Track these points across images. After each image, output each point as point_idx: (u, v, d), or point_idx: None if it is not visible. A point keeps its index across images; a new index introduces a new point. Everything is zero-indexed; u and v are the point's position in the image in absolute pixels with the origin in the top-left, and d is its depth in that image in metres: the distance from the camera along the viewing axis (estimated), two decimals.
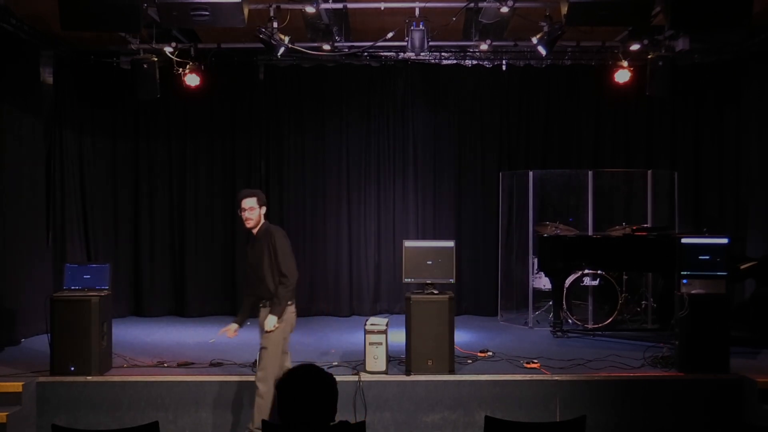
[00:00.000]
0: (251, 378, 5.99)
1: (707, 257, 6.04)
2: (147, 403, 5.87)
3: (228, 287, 9.41)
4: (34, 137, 7.96)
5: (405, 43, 6.99)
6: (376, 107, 9.54)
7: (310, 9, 6.62)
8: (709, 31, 7.89)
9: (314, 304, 9.39)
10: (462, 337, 7.45)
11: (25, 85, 7.82)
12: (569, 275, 8.11)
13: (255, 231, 5.34)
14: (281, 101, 9.49)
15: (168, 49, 7.92)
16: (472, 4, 6.78)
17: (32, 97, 7.93)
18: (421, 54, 7.81)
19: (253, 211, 5.28)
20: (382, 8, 6.87)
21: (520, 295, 8.91)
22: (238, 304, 9.18)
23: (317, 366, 2.69)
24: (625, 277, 8.37)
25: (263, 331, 5.27)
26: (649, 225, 8.31)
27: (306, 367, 2.68)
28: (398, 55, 8.94)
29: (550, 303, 8.27)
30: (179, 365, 6.45)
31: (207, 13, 5.83)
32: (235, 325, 5.46)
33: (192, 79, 8.27)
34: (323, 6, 6.66)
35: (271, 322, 5.18)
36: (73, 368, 5.95)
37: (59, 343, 5.98)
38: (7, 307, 7.29)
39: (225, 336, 5.44)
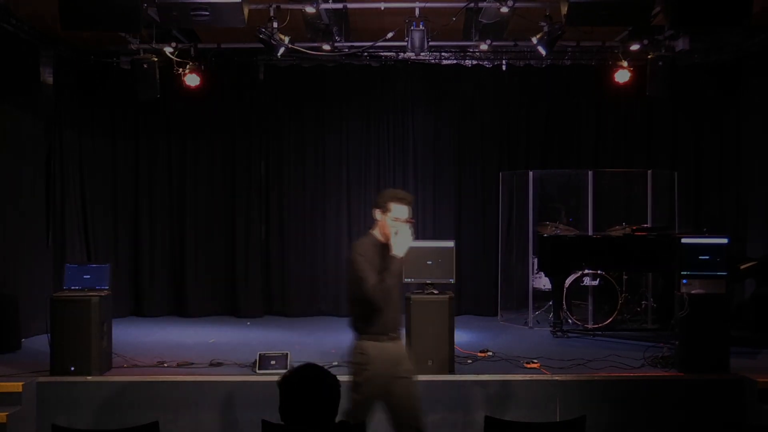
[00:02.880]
0: (251, 378, 6.02)
1: (707, 257, 6.04)
2: (147, 403, 5.85)
3: (228, 287, 9.41)
4: (34, 137, 7.96)
5: (405, 43, 6.99)
6: (376, 107, 9.54)
7: (310, 9, 6.62)
8: (708, 31, 7.89)
9: (314, 304, 9.39)
10: (462, 337, 7.45)
11: (25, 85, 7.82)
12: (569, 275, 8.11)
13: None
14: (281, 101, 9.49)
15: (168, 49, 7.92)
16: (472, 4, 6.78)
17: (32, 97, 7.93)
18: (421, 54, 7.81)
19: None
20: (382, 8, 6.87)
21: (520, 295, 8.91)
22: (239, 304, 9.28)
23: (321, 366, 2.69)
24: (625, 277, 8.36)
25: (406, 372, 4.21)
26: (649, 225, 8.31)
27: (310, 367, 2.67)
28: (398, 55, 8.93)
29: (550, 303, 8.26)
30: (179, 365, 6.45)
31: (207, 13, 5.83)
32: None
33: (192, 79, 8.27)
34: (323, 6, 6.66)
35: None
36: (73, 368, 5.94)
37: (59, 343, 5.98)
38: (8, 307, 7.27)
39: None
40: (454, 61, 9.26)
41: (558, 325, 7.88)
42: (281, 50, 6.87)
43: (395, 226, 4.10)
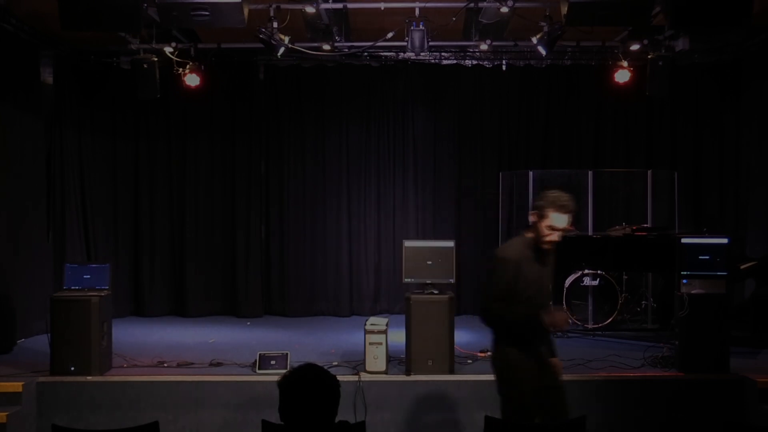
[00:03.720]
0: (251, 378, 6.02)
1: (707, 257, 6.03)
2: (147, 403, 5.86)
3: (228, 287, 9.40)
4: (34, 137, 7.96)
5: (405, 43, 6.99)
6: (376, 107, 9.54)
7: (310, 9, 6.63)
8: (709, 31, 7.89)
9: (314, 304, 9.39)
10: (462, 337, 7.42)
11: (25, 85, 7.81)
12: (569, 275, 8.10)
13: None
14: (281, 101, 9.49)
15: (168, 49, 7.92)
16: (472, 4, 6.78)
17: (32, 97, 7.93)
18: (421, 54, 7.81)
19: None
20: (382, 8, 6.87)
21: None
22: (239, 304, 9.28)
23: (320, 366, 2.69)
24: (625, 277, 8.36)
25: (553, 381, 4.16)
26: (649, 225, 8.31)
27: (310, 367, 2.67)
28: (398, 55, 8.93)
29: (550, 303, 8.24)
30: (179, 365, 6.45)
31: (207, 13, 5.83)
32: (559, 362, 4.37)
33: (192, 79, 8.27)
34: (323, 6, 6.66)
35: None
36: (73, 368, 5.95)
37: (59, 343, 5.98)
38: (7, 307, 7.27)
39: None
40: (454, 61, 9.26)
41: None
42: (281, 50, 6.86)
43: (551, 234, 3.95)
